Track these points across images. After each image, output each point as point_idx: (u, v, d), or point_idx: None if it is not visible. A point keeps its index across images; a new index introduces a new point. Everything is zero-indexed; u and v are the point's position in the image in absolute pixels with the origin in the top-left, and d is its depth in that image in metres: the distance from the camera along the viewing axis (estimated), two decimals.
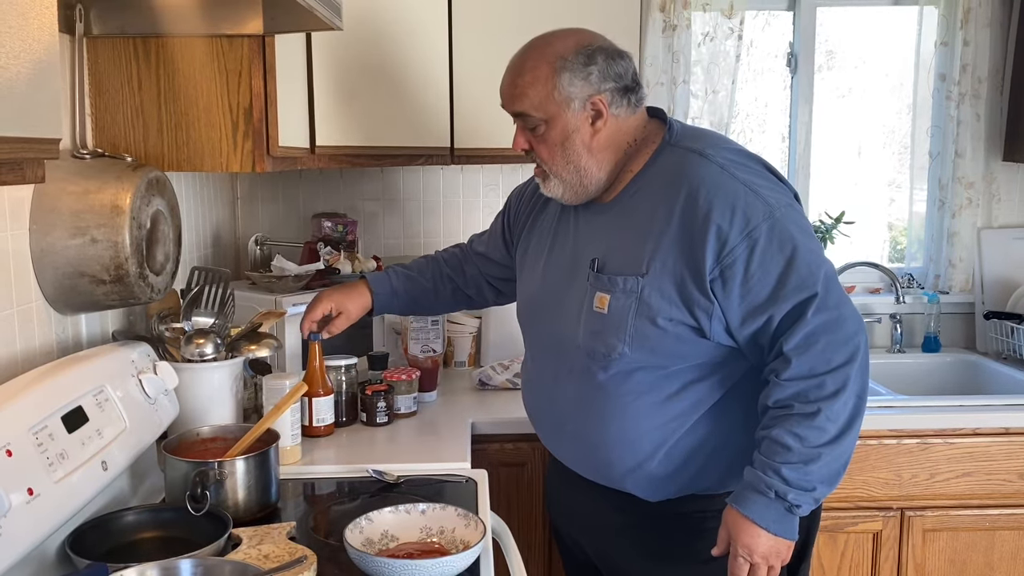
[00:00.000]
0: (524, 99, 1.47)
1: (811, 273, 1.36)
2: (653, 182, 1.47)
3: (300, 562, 1.22)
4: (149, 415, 1.51)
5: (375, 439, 1.95)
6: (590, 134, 1.48)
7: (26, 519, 1.12)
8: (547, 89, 1.45)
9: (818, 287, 1.36)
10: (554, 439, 1.63)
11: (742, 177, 1.40)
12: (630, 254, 1.45)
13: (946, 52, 2.66)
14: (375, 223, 2.71)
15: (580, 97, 1.45)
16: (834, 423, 1.35)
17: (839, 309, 1.37)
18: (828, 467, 1.36)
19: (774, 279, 1.36)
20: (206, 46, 1.61)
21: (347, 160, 2.10)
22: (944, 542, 2.20)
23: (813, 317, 1.35)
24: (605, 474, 1.53)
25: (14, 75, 0.84)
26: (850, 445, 1.38)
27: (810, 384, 1.36)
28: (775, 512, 1.37)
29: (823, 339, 1.36)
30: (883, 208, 2.93)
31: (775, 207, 1.38)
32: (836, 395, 1.35)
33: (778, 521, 1.37)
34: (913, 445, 2.16)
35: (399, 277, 1.86)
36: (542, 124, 1.47)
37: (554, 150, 1.49)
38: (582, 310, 1.50)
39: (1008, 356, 2.61)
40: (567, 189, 1.52)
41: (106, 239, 1.41)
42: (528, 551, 1.96)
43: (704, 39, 2.61)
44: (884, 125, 2.87)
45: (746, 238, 1.36)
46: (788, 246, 1.37)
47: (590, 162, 1.49)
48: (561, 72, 1.44)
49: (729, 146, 1.50)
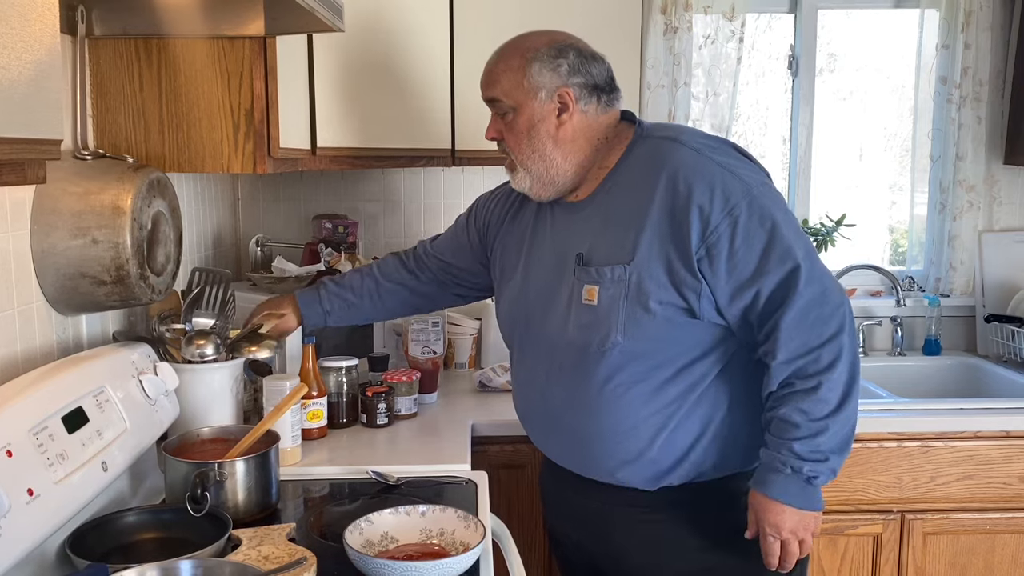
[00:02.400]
0: (496, 86, 1.54)
1: (792, 246, 1.41)
2: (630, 173, 1.51)
3: (300, 563, 1.22)
4: (149, 416, 1.51)
5: (375, 440, 1.95)
6: (555, 125, 1.53)
7: (26, 520, 1.12)
8: (517, 77, 1.52)
9: (800, 259, 1.40)
10: (547, 438, 1.64)
11: (718, 159, 1.45)
12: (615, 244, 1.48)
13: (947, 55, 2.66)
14: (376, 224, 2.71)
15: (547, 87, 1.51)
16: (835, 392, 1.40)
17: (823, 282, 1.42)
18: (837, 436, 1.40)
19: (758, 253, 1.41)
20: (207, 47, 1.62)
21: (348, 161, 2.10)
22: (944, 545, 2.20)
23: (805, 289, 1.39)
24: (601, 468, 1.54)
25: (16, 76, 0.84)
26: (853, 411, 1.42)
27: (807, 360, 1.40)
28: (795, 486, 1.41)
29: (813, 312, 1.40)
30: (884, 211, 2.93)
31: (752, 185, 1.43)
32: (833, 366, 1.40)
33: (799, 495, 1.41)
34: (913, 448, 2.16)
35: (331, 298, 1.86)
36: (511, 112, 1.53)
37: (520, 138, 1.54)
38: (571, 305, 1.51)
39: (1009, 359, 2.61)
40: (534, 181, 1.56)
41: (107, 240, 1.42)
42: (528, 553, 1.96)
43: (705, 41, 2.61)
44: (885, 128, 2.87)
45: (727, 216, 1.40)
46: (768, 221, 1.41)
47: (555, 152, 1.53)
48: (532, 62, 1.51)
49: (699, 132, 1.55)
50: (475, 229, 1.80)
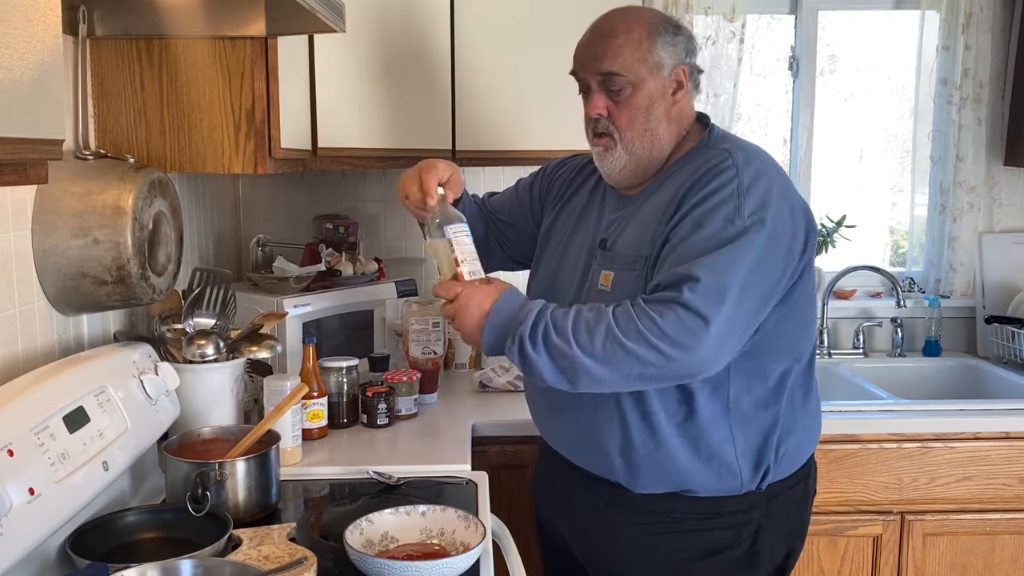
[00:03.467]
0: (617, 59, 1.45)
1: (726, 266, 1.32)
2: (679, 175, 1.47)
3: (300, 563, 1.22)
4: (150, 416, 1.51)
5: (375, 441, 1.95)
6: (671, 103, 1.48)
7: (27, 519, 1.12)
8: (641, 51, 1.44)
9: (703, 277, 1.31)
10: (546, 420, 1.64)
11: (745, 181, 1.39)
12: (639, 235, 1.46)
13: (948, 56, 2.66)
14: (376, 225, 2.71)
15: (668, 64, 1.46)
16: (593, 347, 1.33)
17: (696, 333, 1.31)
18: (557, 357, 1.35)
19: (700, 239, 1.34)
20: (209, 48, 1.62)
21: (349, 162, 2.10)
22: (944, 546, 2.20)
23: (688, 294, 1.31)
24: (595, 458, 1.52)
25: (17, 76, 0.84)
26: (579, 368, 1.35)
27: (629, 317, 1.33)
28: (509, 309, 1.40)
29: (670, 314, 1.31)
30: (884, 212, 2.94)
31: (741, 217, 1.35)
32: (618, 346, 1.32)
33: (501, 314, 1.40)
34: (913, 449, 2.16)
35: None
36: (628, 87, 1.46)
37: (636, 115, 1.47)
38: (588, 290, 1.51)
39: (1009, 360, 2.61)
40: (630, 162, 1.50)
41: (108, 240, 1.42)
42: (528, 553, 1.95)
43: (706, 42, 2.61)
44: (885, 129, 2.87)
45: (695, 223, 1.36)
46: (731, 229, 1.34)
47: (667, 133, 1.49)
48: (655, 36, 1.45)
49: (758, 151, 1.47)
50: (538, 190, 1.77)
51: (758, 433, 1.47)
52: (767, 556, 1.52)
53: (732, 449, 1.46)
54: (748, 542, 1.50)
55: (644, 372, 1.33)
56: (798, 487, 1.56)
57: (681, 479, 1.47)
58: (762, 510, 1.50)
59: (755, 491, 1.49)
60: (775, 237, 1.37)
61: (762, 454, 1.47)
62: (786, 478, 1.53)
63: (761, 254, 1.35)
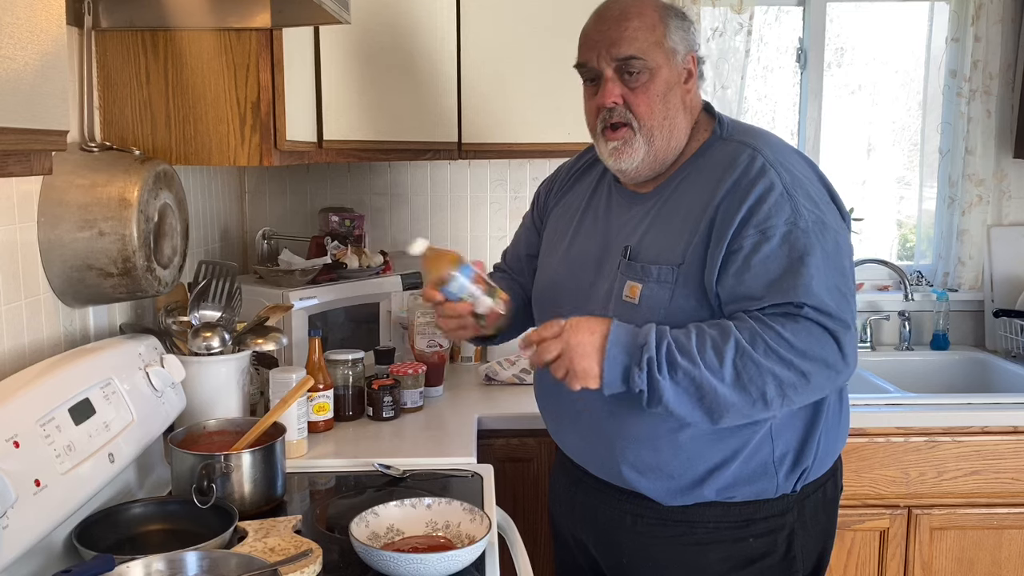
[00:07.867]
0: (634, 43, 1.38)
1: (812, 287, 1.29)
2: (701, 173, 1.42)
3: (306, 555, 1.23)
4: (156, 408, 1.51)
5: (381, 433, 1.95)
6: (684, 92, 1.43)
7: (33, 510, 1.12)
8: (656, 35, 1.39)
9: (809, 302, 1.29)
10: (564, 433, 1.58)
11: (785, 178, 1.35)
12: (667, 243, 1.40)
13: (957, 48, 2.64)
14: (382, 218, 2.71)
15: (681, 50, 1.42)
16: (728, 370, 1.27)
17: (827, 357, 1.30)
18: (694, 385, 1.28)
19: (769, 279, 1.31)
20: (214, 39, 1.61)
21: (354, 155, 2.10)
22: (951, 540, 2.20)
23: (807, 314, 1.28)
24: (618, 472, 1.46)
25: (21, 66, 0.84)
26: (724, 402, 1.29)
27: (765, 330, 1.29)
28: (626, 340, 1.30)
29: (805, 331, 1.29)
30: (892, 205, 2.92)
31: (802, 216, 1.32)
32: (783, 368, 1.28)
33: (617, 347, 1.30)
34: (921, 443, 2.15)
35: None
36: (645, 73, 1.40)
37: (654, 102, 1.40)
38: (610, 299, 1.43)
39: (1017, 354, 2.60)
40: (648, 154, 1.43)
41: (114, 232, 1.42)
42: (533, 546, 1.96)
43: (713, 34, 2.60)
44: (894, 122, 2.86)
45: (760, 233, 1.32)
46: (797, 253, 1.31)
47: (683, 122, 1.44)
48: (667, 20, 1.41)
49: (781, 143, 1.44)
50: (537, 212, 1.72)
51: (796, 433, 1.43)
52: (801, 560, 1.48)
53: (770, 450, 1.41)
54: (784, 547, 1.46)
55: (785, 390, 1.30)
56: (828, 484, 1.53)
57: (715, 486, 1.42)
58: (794, 513, 1.46)
59: (789, 493, 1.45)
60: (833, 226, 1.36)
61: (800, 455, 1.43)
62: (818, 477, 1.49)
63: (834, 248, 1.34)
